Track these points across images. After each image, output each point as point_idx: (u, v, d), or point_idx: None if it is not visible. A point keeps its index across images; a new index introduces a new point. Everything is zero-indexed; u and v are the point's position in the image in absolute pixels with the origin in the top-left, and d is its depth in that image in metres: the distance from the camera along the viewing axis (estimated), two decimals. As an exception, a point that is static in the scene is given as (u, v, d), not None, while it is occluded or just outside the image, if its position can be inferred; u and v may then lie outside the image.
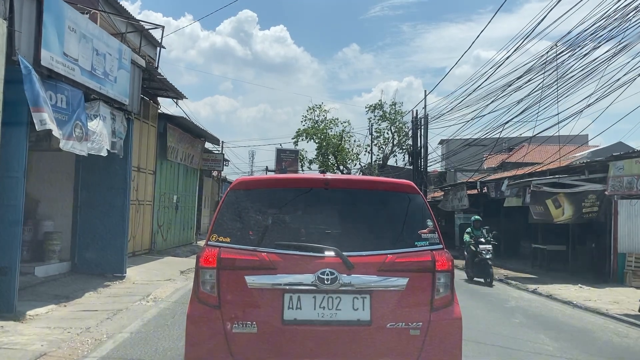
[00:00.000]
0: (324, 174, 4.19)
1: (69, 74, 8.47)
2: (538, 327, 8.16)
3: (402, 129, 38.49)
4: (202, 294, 3.62)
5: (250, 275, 3.55)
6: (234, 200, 3.90)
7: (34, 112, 7.10)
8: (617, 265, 13.84)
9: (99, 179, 11.31)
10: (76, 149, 8.50)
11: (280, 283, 3.54)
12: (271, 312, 3.52)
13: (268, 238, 3.72)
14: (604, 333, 7.97)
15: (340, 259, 3.54)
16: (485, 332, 7.42)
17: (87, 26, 9.20)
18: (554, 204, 13.91)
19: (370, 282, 3.56)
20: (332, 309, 3.53)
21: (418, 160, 26.99)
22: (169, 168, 18.77)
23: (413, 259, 3.67)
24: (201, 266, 3.66)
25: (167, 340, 6.27)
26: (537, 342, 7.00)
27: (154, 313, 8.03)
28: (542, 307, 10.44)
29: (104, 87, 9.76)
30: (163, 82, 15.14)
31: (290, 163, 40.13)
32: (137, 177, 15.01)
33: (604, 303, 10.54)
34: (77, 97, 8.67)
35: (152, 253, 16.27)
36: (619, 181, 12.62)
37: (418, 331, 3.55)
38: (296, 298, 3.54)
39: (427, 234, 3.80)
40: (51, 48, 7.96)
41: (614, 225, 13.96)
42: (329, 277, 3.50)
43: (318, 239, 3.69)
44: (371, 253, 3.63)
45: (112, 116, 10.30)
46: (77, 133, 8.42)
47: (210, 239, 3.76)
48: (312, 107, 41.69)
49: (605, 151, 21.53)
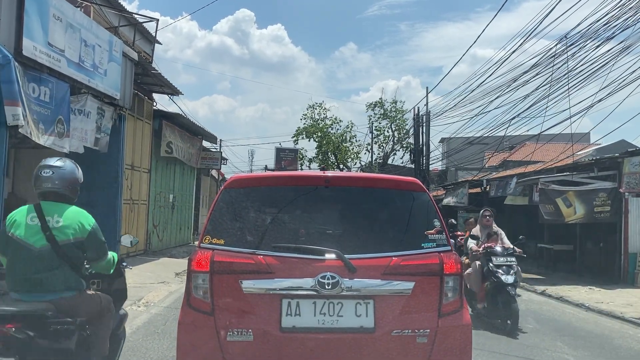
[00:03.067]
0: (324, 172, 3.87)
1: (54, 65, 8.01)
2: (553, 333, 7.72)
3: (402, 126, 38.13)
4: (194, 300, 3.42)
5: (245, 280, 3.35)
6: (228, 200, 3.66)
7: (7, 105, 6.67)
8: (628, 266, 13.39)
9: (90, 177, 10.60)
10: (56, 145, 8.08)
11: (277, 288, 3.35)
12: (268, 319, 3.32)
13: (265, 240, 3.47)
14: (623, 340, 7.52)
15: (342, 262, 3.34)
16: (497, 339, 6.98)
17: (75, 15, 8.75)
18: (564, 203, 13.48)
19: (374, 286, 3.36)
20: (333, 316, 3.34)
21: (420, 158, 26.61)
22: (165, 166, 18.35)
23: (419, 262, 3.46)
24: (193, 270, 3.43)
25: (157, 351, 5.88)
26: (555, 351, 6.54)
27: (145, 319, 7.57)
28: (553, 310, 10.01)
29: (93, 80, 9.30)
30: (158, 77, 14.70)
31: (290, 162, 39.78)
32: (131, 175, 14.57)
33: (617, 306, 10.13)
34: (63, 90, 8.23)
35: (147, 254, 15.83)
36: (635, 178, 12.20)
37: (425, 338, 3.35)
38: (295, 304, 3.34)
39: (434, 235, 3.59)
40: (34, 37, 7.52)
41: (624, 224, 13.50)
42: (330, 282, 3.29)
43: (318, 240, 3.49)
44: (375, 255, 3.44)
45: (100, 111, 9.85)
46: (58, 129, 7.97)
47: (203, 241, 3.54)
48: (312, 105, 41.40)
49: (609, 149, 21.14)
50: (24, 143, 9.41)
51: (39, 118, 7.43)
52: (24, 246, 3.46)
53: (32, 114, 7.32)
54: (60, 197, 3.61)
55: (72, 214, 3.58)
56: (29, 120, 7.21)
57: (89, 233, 3.61)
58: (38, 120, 7.44)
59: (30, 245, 3.46)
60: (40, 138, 7.59)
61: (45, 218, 3.50)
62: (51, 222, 3.50)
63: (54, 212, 3.53)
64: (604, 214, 13.54)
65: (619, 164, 13.18)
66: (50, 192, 3.59)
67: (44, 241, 3.47)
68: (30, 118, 7.24)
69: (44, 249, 3.46)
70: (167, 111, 18.03)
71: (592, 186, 13.59)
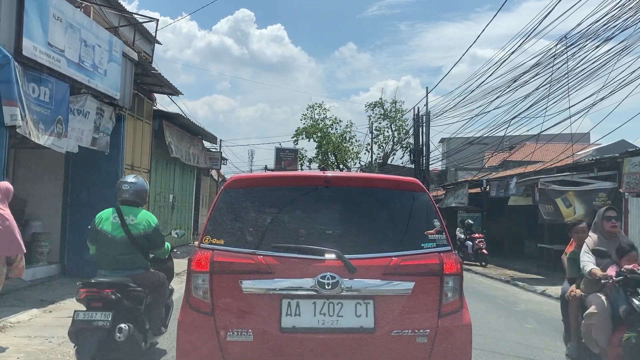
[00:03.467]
0: (324, 172, 3.86)
1: (54, 65, 7.99)
2: (553, 333, 7.70)
3: (402, 126, 38.07)
4: (194, 300, 3.42)
5: (245, 280, 3.34)
6: (228, 200, 3.66)
7: (5, 105, 6.64)
8: (628, 266, 13.36)
9: (90, 177, 10.84)
10: (55, 145, 8.07)
11: (277, 288, 3.34)
12: (268, 319, 3.31)
13: (265, 240, 3.46)
14: (623, 339, 7.49)
15: (342, 262, 3.33)
16: (497, 339, 6.99)
17: (75, 15, 8.73)
18: (564, 203, 13.45)
19: (374, 286, 3.35)
20: (333, 316, 3.32)
21: (420, 158, 26.58)
22: (165, 167, 18.31)
23: (419, 262, 3.45)
24: (193, 270, 3.43)
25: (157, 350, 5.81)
26: (555, 351, 6.55)
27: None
28: (553, 310, 9.95)
29: (93, 80, 9.28)
30: (158, 77, 14.64)
31: (290, 162, 39.70)
32: (131, 175, 14.52)
33: (617, 306, 10.11)
34: (62, 90, 8.21)
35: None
36: (635, 178, 12.17)
37: (425, 339, 3.35)
38: (295, 304, 3.33)
39: (434, 235, 3.58)
40: (34, 37, 7.49)
41: (624, 224, 13.43)
42: (329, 282, 3.29)
43: (318, 240, 3.48)
44: (375, 255, 3.43)
45: (99, 111, 9.82)
46: (58, 129, 7.96)
47: (202, 241, 3.53)
48: (312, 106, 41.36)
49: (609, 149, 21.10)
50: (23, 143, 9.39)
51: (38, 118, 7.41)
52: (109, 237, 4.89)
53: (31, 114, 7.31)
54: (133, 203, 5.08)
55: (142, 215, 5.03)
56: (29, 120, 7.19)
57: (154, 229, 5.04)
58: (38, 120, 7.42)
59: (114, 237, 4.88)
60: (40, 138, 7.58)
61: (124, 217, 4.92)
62: (128, 220, 4.92)
63: (130, 213, 4.98)
64: (604, 214, 13.50)
65: (619, 164, 13.14)
66: (127, 200, 5.06)
67: (123, 234, 4.88)
68: (29, 118, 7.23)
69: (123, 239, 4.88)
70: (167, 111, 18.01)
71: (592, 186, 13.56)
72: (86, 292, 4.60)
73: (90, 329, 4.37)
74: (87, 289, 4.59)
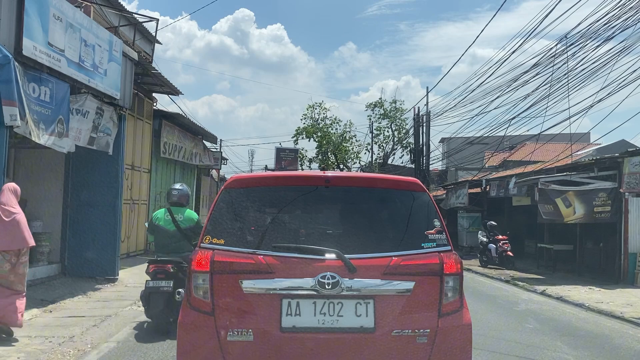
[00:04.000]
0: (324, 172, 3.87)
1: (54, 65, 7.98)
2: (553, 332, 7.71)
3: (402, 126, 38.08)
4: (195, 300, 3.42)
5: (246, 280, 3.35)
6: (229, 200, 3.66)
7: (4, 105, 6.61)
8: (628, 266, 13.36)
9: (90, 177, 10.85)
10: (56, 145, 8.06)
11: (277, 288, 3.34)
12: (268, 319, 3.31)
13: (265, 240, 3.46)
14: (623, 340, 7.50)
15: (342, 262, 3.33)
16: (497, 339, 6.97)
17: (75, 15, 8.71)
18: (563, 203, 13.43)
19: (374, 286, 3.35)
20: (333, 316, 3.33)
21: (420, 158, 26.58)
22: (165, 166, 18.30)
23: (419, 262, 3.45)
24: (193, 270, 3.43)
25: (157, 350, 5.87)
26: (555, 351, 6.53)
27: (145, 319, 7.52)
28: (553, 310, 9.99)
29: (93, 80, 9.26)
30: (158, 77, 14.65)
31: (290, 162, 39.71)
32: (132, 175, 14.54)
33: (617, 306, 10.10)
34: (63, 90, 8.19)
35: (147, 254, 15.77)
36: (635, 178, 12.16)
37: (425, 338, 3.34)
38: (295, 304, 3.34)
39: (435, 235, 3.58)
40: (34, 37, 7.48)
41: (624, 224, 13.48)
42: (330, 282, 3.29)
43: (318, 240, 3.48)
44: (375, 255, 3.43)
45: (99, 111, 9.79)
46: (58, 129, 7.95)
47: (203, 241, 3.53)
48: (312, 105, 41.36)
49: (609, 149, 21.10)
50: (24, 143, 9.40)
51: (39, 118, 7.40)
52: (164, 230, 6.87)
53: (32, 113, 7.30)
54: (180, 204, 7.03)
55: (187, 213, 6.99)
56: (29, 120, 7.19)
57: (197, 222, 6.92)
58: (39, 120, 7.41)
59: (167, 230, 6.86)
60: (40, 138, 7.57)
61: (174, 215, 6.87)
62: (177, 217, 6.86)
63: (178, 212, 6.93)
64: (604, 214, 13.50)
65: (619, 164, 13.16)
66: (176, 202, 7.03)
67: (174, 227, 6.82)
68: (30, 118, 7.22)
69: (175, 231, 6.82)
70: (167, 111, 18.01)
71: (592, 186, 13.56)
72: (154, 267, 6.59)
73: (157, 292, 6.39)
74: (155, 265, 6.61)
